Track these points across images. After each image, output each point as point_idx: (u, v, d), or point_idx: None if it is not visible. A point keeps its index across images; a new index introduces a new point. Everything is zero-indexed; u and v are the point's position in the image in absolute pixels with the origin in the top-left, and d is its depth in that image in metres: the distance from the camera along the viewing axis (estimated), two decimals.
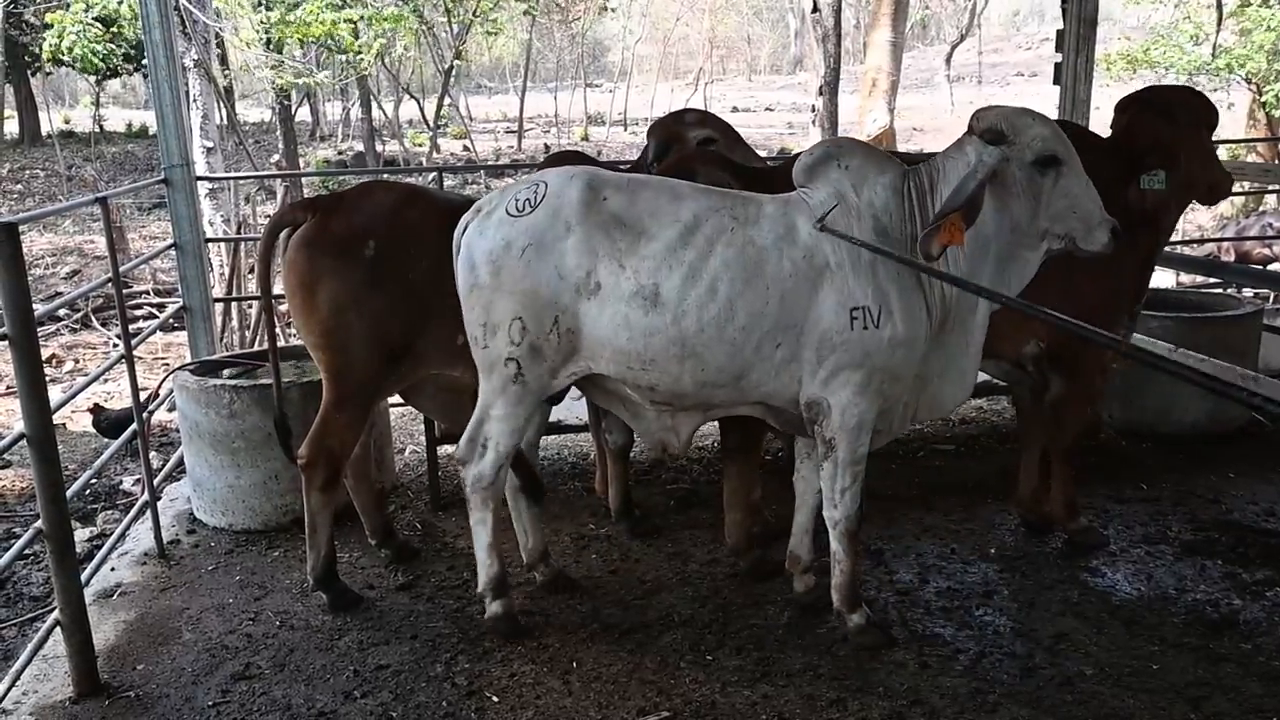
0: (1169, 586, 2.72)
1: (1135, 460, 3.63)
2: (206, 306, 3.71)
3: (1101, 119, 3.24)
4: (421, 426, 3.61)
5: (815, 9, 9.22)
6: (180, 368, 3.42)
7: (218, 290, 5.83)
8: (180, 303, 3.76)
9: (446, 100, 17.43)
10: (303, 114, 19.95)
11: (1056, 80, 4.29)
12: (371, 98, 17.28)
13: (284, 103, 13.57)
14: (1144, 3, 13.81)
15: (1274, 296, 6.21)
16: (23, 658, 2.38)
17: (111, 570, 2.96)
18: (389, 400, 3.42)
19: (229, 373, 3.40)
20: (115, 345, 7.10)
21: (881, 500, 3.31)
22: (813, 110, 9.58)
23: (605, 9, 17.49)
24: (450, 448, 3.75)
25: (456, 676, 2.35)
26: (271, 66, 10.89)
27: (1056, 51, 4.30)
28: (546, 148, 18.08)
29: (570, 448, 3.88)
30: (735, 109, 27.49)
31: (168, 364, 6.36)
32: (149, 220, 13.13)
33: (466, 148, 19.40)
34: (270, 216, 3.11)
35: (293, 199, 7.40)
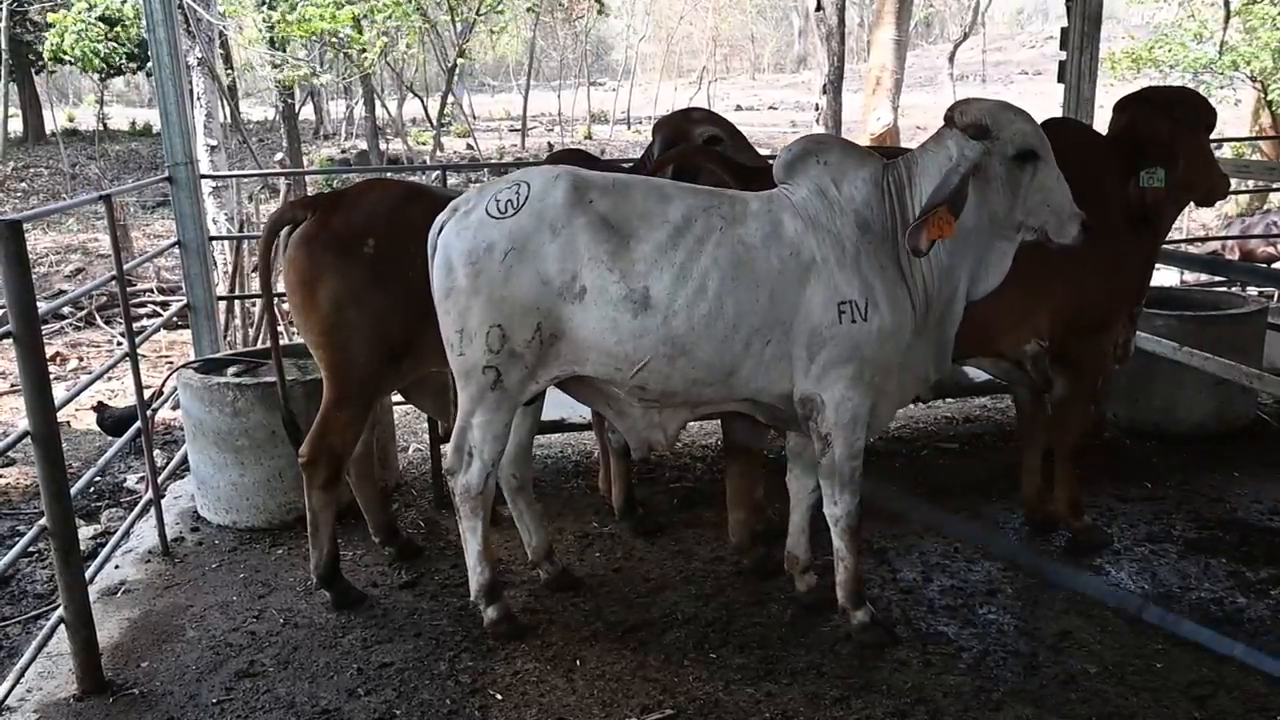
0: (1173, 585, 2.71)
1: (1140, 459, 3.62)
2: (210, 304, 3.72)
3: (1106, 117, 3.23)
4: (425, 424, 3.61)
5: (819, 7, 9.20)
6: (184, 365, 3.43)
7: (221, 288, 5.85)
8: (184, 301, 3.77)
9: (450, 98, 17.43)
10: (306, 112, 19.99)
11: (1061, 79, 4.28)
12: (375, 96, 17.30)
13: (287, 101, 13.59)
14: (1148, 2, 13.77)
15: (1278, 295, 6.18)
16: (27, 655, 2.39)
17: (115, 568, 2.97)
18: (392, 398, 3.43)
19: (233, 371, 3.41)
20: (119, 343, 7.12)
21: (883, 501, 3.31)
22: (816, 109, 9.56)
23: (602, 10, 17.45)
24: None
25: (460, 674, 2.35)
26: (275, 65, 10.90)
27: (1061, 50, 4.29)
28: (550, 146, 18.08)
29: (573, 446, 3.88)
30: (739, 107, 27.48)
31: (171, 362, 6.38)
32: (152, 218, 13.16)
33: (470, 146, 19.42)
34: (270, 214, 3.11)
35: (297, 197, 7.41)
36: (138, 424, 3.08)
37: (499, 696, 2.26)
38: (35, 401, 2.16)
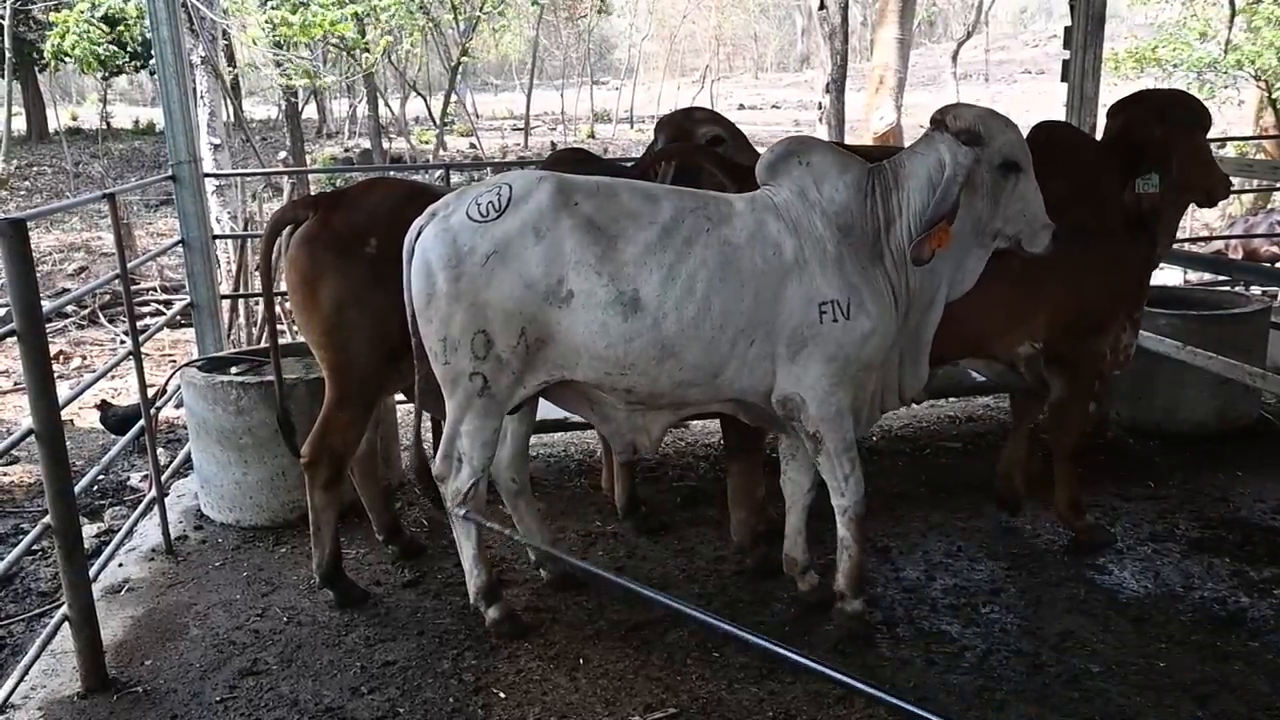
0: (1176, 584, 2.71)
1: (1142, 458, 3.62)
2: (213, 303, 3.73)
3: None
4: (428, 423, 3.61)
5: (822, 6, 9.19)
6: (188, 364, 3.43)
7: (225, 287, 5.85)
8: (187, 299, 3.78)
9: (453, 97, 17.44)
10: (309, 111, 19.99)
11: (1064, 78, 4.28)
12: (378, 95, 17.31)
13: (290, 100, 13.60)
14: (1151, 1, 13.73)
15: None
16: (31, 653, 2.39)
17: (119, 566, 2.98)
18: (395, 397, 3.43)
19: (236, 369, 3.42)
20: (122, 342, 7.14)
21: (888, 499, 3.31)
22: (819, 108, 9.56)
23: (605, 9, 17.45)
24: None
25: (463, 673, 2.35)
26: (277, 64, 10.90)
27: (1065, 49, 4.28)
28: (553, 145, 18.08)
29: (576, 445, 3.88)
30: (742, 106, 27.47)
31: (174, 360, 6.39)
32: (155, 217, 13.18)
33: (473, 145, 19.42)
34: (272, 214, 3.12)
35: (299, 196, 7.41)
36: (141, 422, 3.09)
37: (502, 695, 2.26)
38: (39, 400, 2.17)
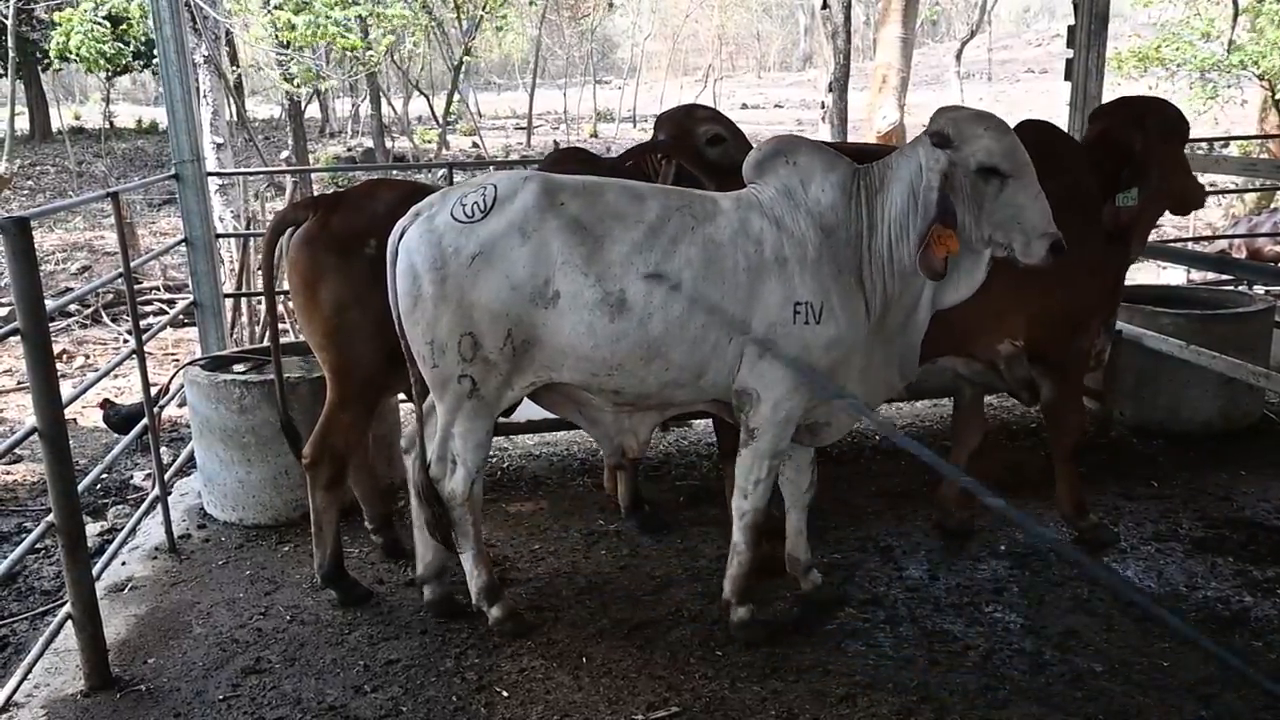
0: (1180, 584, 2.70)
1: (1146, 458, 3.62)
2: (217, 302, 3.73)
3: None
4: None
5: (825, 5, 9.18)
6: (191, 363, 3.44)
7: (228, 286, 5.85)
8: (190, 298, 3.78)
9: (456, 97, 17.45)
10: (312, 110, 20.00)
11: (1068, 76, 4.27)
12: (381, 94, 17.32)
13: (293, 99, 13.61)
14: (1154, 0, 13.69)
15: None
16: (34, 651, 2.39)
17: (122, 565, 2.98)
18: (398, 396, 3.43)
19: (239, 368, 3.42)
20: (125, 340, 7.15)
21: (891, 498, 3.30)
22: (822, 107, 9.55)
23: (612, 5, 17.46)
24: None
25: (466, 671, 2.36)
26: (280, 63, 10.91)
27: (1068, 48, 4.27)
28: (556, 144, 18.06)
29: (579, 444, 3.88)
30: (745, 105, 27.42)
31: (177, 359, 6.40)
32: (158, 216, 13.20)
33: (476, 144, 19.41)
34: (273, 215, 3.12)
35: (302, 195, 7.42)
36: (144, 421, 3.09)
37: (505, 693, 2.26)
38: (43, 398, 2.17)
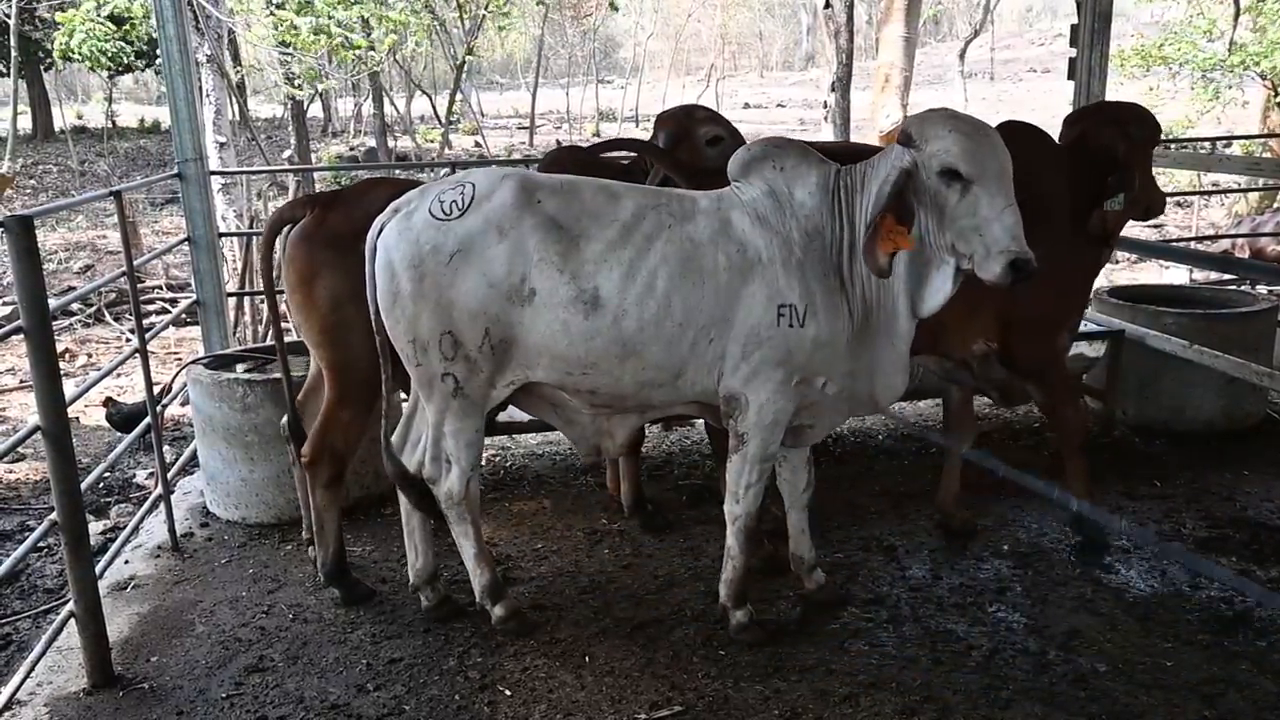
0: (1183, 583, 2.70)
1: (1149, 457, 3.61)
2: (219, 301, 3.74)
3: None
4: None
5: (828, 5, 9.16)
6: (194, 361, 3.44)
7: (231, 285, 5.86)
8: (193, 297, 3.79)
9: (458, 96, 17.44)
10: (315, 110, 20.03)
11: (1071, 76, 4.26)
12: (383, 93, 17.32)
13: (296, 99, 13.62)
14: None
15: None
16: (37, 649, 2.39)
17: (125, 563, 2.98)
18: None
19: (242, 367, 3.42)
20: (128, 339, 7.16)
21: (895, 498, 3.30)
22: (825, 106, 9.54)
23: (614, 7, 17.45)
24: None
25: (469, 670, 2.36)
26: (282, 63, 10.92)
27: (1071, 46, 4.27)
28: (558, 143, 18.05)
29: None
30: (747, 105, 27.43)
31: (180, 358, 6.40)
32: (161, 215, 13.21)
33: (478, 144, 19.41)
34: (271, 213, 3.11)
35: (304, 194, 7.39)
36: (148, 420, 3.09)
37: (508, 692, 2.26)
38: (46, 397, 2.17)
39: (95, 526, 3.65)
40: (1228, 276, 5.58)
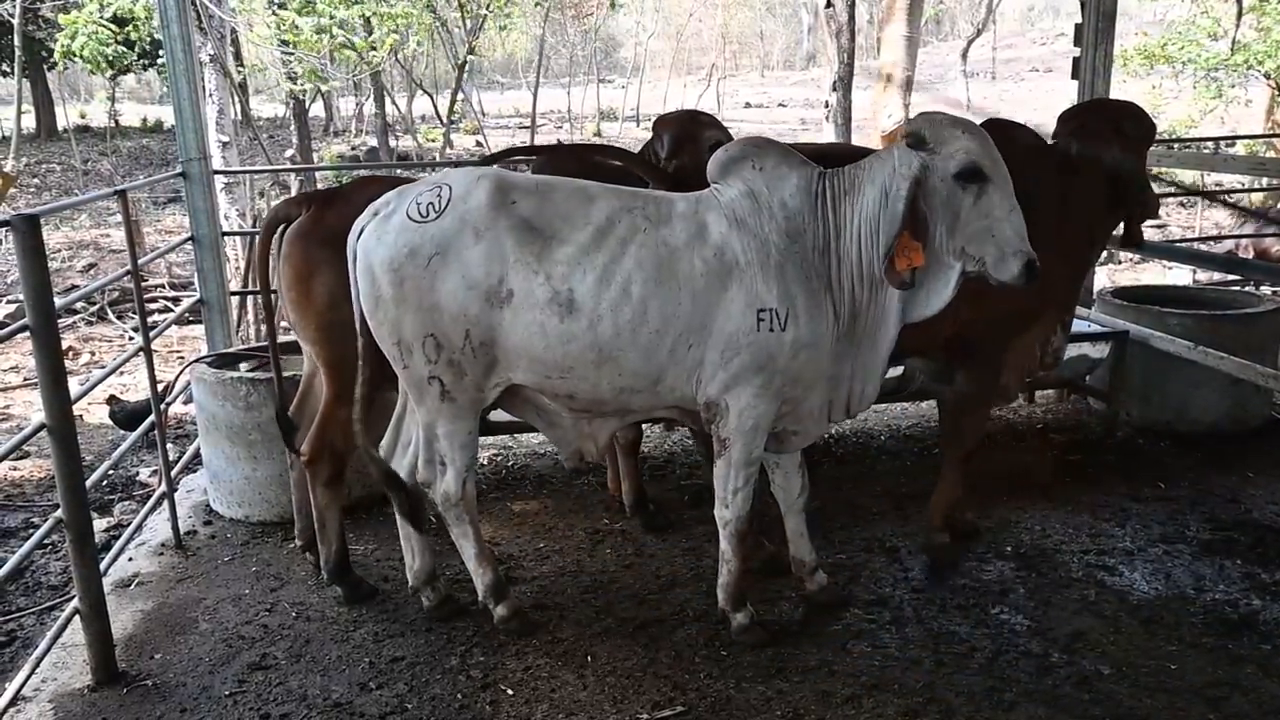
0: (1187, 586, 2.69)
1: (1153, 459, 3.60)
2: (223, 299, 3.74)
3: None
4: None
5: (829, 4, 9.15)
6: (197, 360, 3.44)
7: (234, 284, 5.86)
8: (196, 296, 3.79)
9: (459, 96, 17.44)
10: (316, 109, 20.03)
11: (1075, 75, 4.25)
12: (385, 93, 17.32)
13: (298, 98, 13.64)
14: None
15: None
16: (42, 645, 2.40)
17: (129, 560, 2.99)
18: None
19: (245, 365, 3.43)
20: (131, 338, 7.17)
21: (897, 498, 3.30)
22: (826, 106, 9.53)
23: (614, 5, 17.43)
24: None
25: (471, 669, 2.36)
26: (284, 63, 10.92)
27: (1075, 46, 4.26)
28: (559, 143, 18.03)
29: None
30: (748, 105, 27.37)
31: (183, 357, 6.41)
32: (163, 214, 13.22)
33: (479, 143, 19.39)
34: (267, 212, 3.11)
35: (302, 192, 7.39)
36: (152, 418, 3.10)
37: (510, 691, 2.26)
38: (51, 395, 2.18)
39: (99, 524, 3.64)
40: (1232, 277, 5.56)
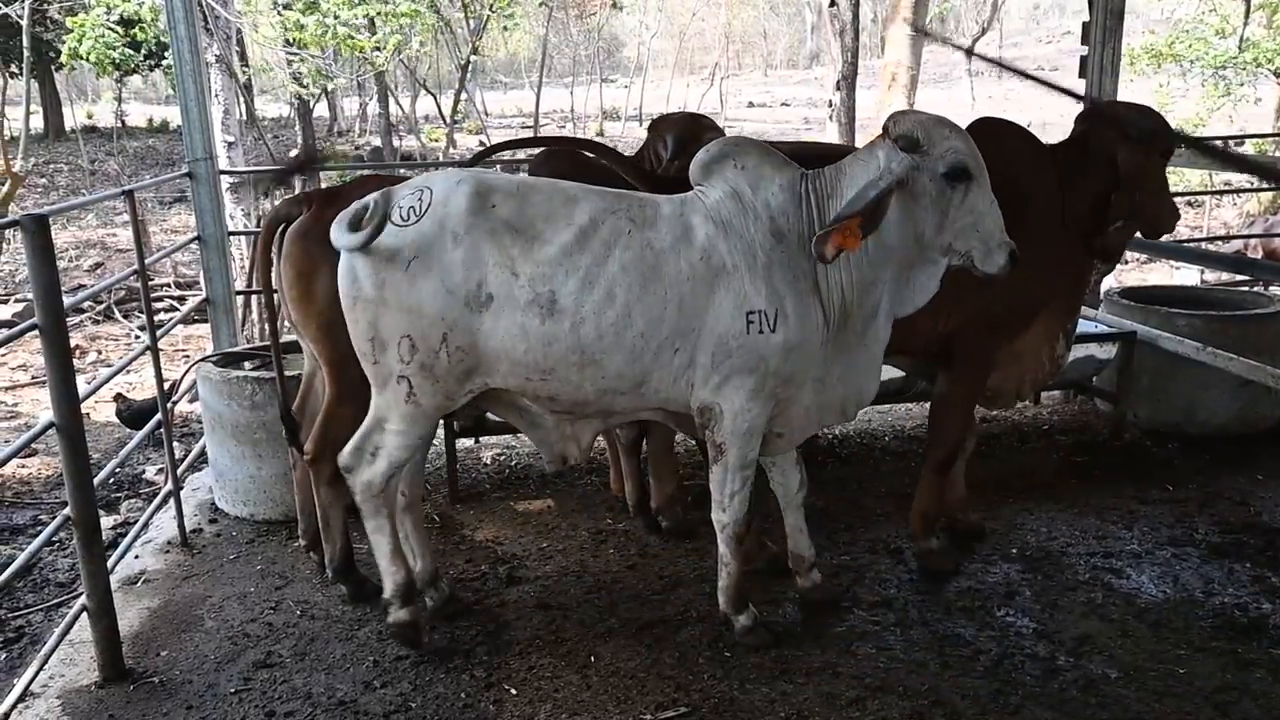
0: (1196, 589, 2.68)
1: (1161, 461, 3.59)
2: (229, 299, 3.75)
3: None
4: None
5: (833, 3, 9.12)
6: (203, 359, 3.45)
7: (239, 283, 5.88)
8: (202, 295, 3.80)
9: (463, 95, 17.45)
10: (321, 109, 20.07)
11: (1082, 73, 4.23)
12: (389, 93, 17.35)
13: (302, 98, 13.67)
14: None
15: None
16: (50, 642, 2.42)
17: (135, 558, 3.00)
18: None
19: (251, 364, 3.44)
20: (137, 337, 7.19)
21: (901, 499, 3.29)
22: (830, 105, 9.51)
23: (617, 6, 17.43)
24: (469, 441, 3.77)
25: (475, 668, 2.36)
26: (289, 63, 10.94)
27: (1082, 44, 4.23)
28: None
29: None
30: (751, 104, 27.35)
31: (188, 356, 6.43)
32: (169, 214, 13.27)
33: (482, 143, 19.43)
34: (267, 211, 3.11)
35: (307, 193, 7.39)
36: (158, 416, 3.11)
37: (513, 691, 2.26)
38: (60, 393, 2.18)
39: (106, 522, 3.66)
40: (1240, 278, 5.53)
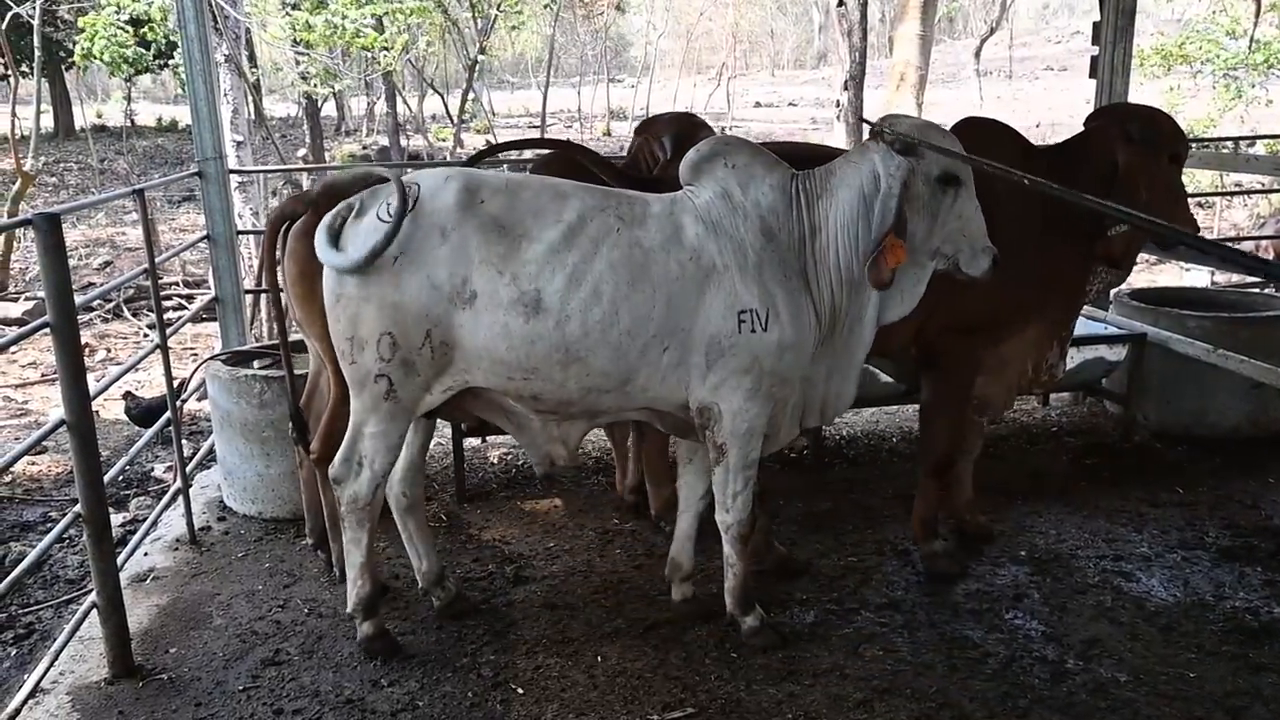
0: (1206, 593, 2.66)
1: (1171, 464, 3.56)
2: (238, 298, 3.77)
3: None
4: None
5: (840, 3, 9.12)
6: (212, 358, 3.47)
7: (248, 282, 5.90)
8: (212, 294, 3.82)
9: (470, 95, 17.49)
10: (328, 109, 20.15)
11: (1093, 74, 4.21)
12: (396, 92, 17.40)
13: (310, 98, 13.72)
14: None
15: None
16: (60, 638, 2.44)
17: (144, 555, 3.02)
18: None
19: (259, 363, 3.45)
20: (146, 335, 7.23)
21: (908, 501, 3.27)
22: (837, 105, 9.49)
23: (621, 8, 17.44)
24: (476, 440, 3.78)
25: (482, 668, 2.36)
26: (297, 63, 10.99)
27: (1093, 44, 4.21)
28: (567, 142, 17.99)
29: (592, 442, 3.87)
30: (758, 104, 27.32)
31: (196, 354, 6.46)
32: (178, 213, 13.34)
33: (490, 142, 19.45)
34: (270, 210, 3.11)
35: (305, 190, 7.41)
36: (167, 414, 3.12)
37: (520, 690, 2.27)
38: (71, 391, 2.19)
39: (115, 519, 3.67)
40: (1251, 279, 5.49)
